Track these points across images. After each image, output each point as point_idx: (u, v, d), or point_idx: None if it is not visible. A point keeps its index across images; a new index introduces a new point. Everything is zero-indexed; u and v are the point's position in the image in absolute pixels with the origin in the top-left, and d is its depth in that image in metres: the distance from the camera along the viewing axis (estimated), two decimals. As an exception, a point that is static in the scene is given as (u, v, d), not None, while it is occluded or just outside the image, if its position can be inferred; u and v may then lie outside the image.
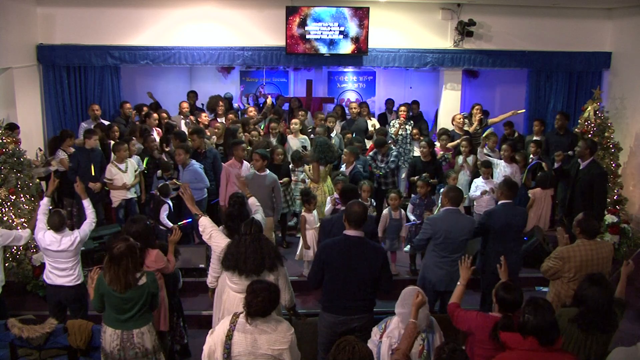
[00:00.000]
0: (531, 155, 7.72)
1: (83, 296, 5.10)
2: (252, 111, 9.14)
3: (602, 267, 4.45)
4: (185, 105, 9.30)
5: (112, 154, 7.23)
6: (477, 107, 8.88)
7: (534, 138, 8.32)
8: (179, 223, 6.64)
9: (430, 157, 7.41)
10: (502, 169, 7.34)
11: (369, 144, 8.65)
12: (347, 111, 10.02)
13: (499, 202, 5.44)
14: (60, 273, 4.95)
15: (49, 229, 4.92)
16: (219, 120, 8.99)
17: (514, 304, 3.53)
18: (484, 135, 8.24)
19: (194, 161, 7.03)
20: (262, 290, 3.29)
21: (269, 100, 9.42)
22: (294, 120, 8.27)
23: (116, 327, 3.94)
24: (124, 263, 3.82)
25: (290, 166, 7.48)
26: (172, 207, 6.82)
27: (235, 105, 10.72)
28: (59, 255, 4.90)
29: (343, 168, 7.23)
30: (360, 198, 6.50)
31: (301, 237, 6.43)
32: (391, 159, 7.56)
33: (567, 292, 4.44)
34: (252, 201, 5.23)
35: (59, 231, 4.89)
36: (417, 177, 7.10)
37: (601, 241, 4.69)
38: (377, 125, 9.26)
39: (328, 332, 4.10)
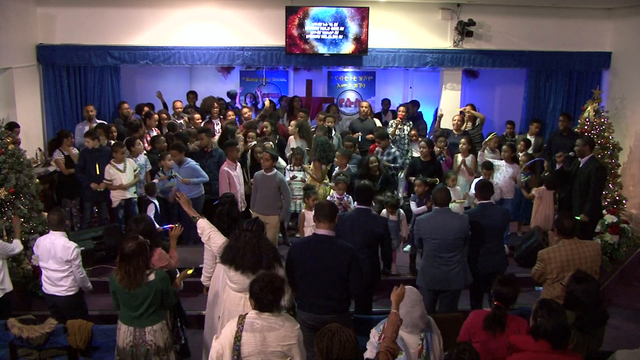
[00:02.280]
0: (520, 155, 7.76)
1: (80, 304, 5.08)
2: (247, 112, 9.11)
3: (588, 267, 4.41)
4: (179, 104, 9.31)
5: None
6: (467, 107, 8.89)
7: (527, 137, 8.33)
8: (164, 226, 6.64)
9: (430, 157, 7.40)
10: (503, 169, 7.34)
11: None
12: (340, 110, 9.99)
13: (478, 203, 5.45)
14: (51, 282, 4.88)
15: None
16: (213, 121, 8.99)
17: (511, 298, 3.60)
18: (487, 139, 8.22)
19: (189, 159, 7.11)
20: (267, 283, 3.32)
21: (267, 102, 9.36)
22: (292, 123, 8.26)
23: (129, 324, 3.99)
24: (135, 261, 3.87)
25: (288, 166, 7.49)
26: (158, 207, 6.84)
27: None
28: (52, 258, 4.81)
29: (337, 170, 7.18)
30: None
31: (300, 235, 6.43)
32: (399, 161, 7.57)
33: (553, 294, 4.44)
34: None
35: (56, 229, 4.86)
36: (415, 176, 7.12)
37: (586, 241, 4.66)
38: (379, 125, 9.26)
39: (304, 329, 4.09)
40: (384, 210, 6.59)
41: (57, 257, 4.80)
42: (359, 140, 8.47)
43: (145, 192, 6.85)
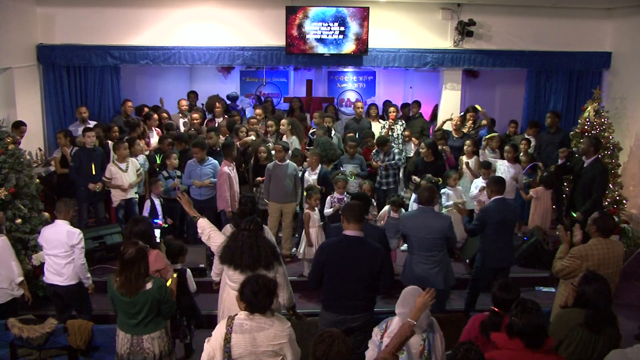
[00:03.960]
0: (521, 155, 7.76)
1: (82, 293, 5.19)
2: (259, 112, 9.05)
3: (616, 266, 4.47)
4: (184, 103, 9.31)
5: (112, 154, 7.23)
6: (470, 112, 8.85)
7: (525, 136, 8.34)
8: (153, 221, 6.73)
9: (432, 157, 7.38)
10: (505, 169, 7.32)
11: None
12: (341, 110, 9.98)
13: (491, 199, 5.55)
14: (54, 270, 5.02)
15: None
16: (216, 120, 9.00)
17: (509, 304, 3.51)
18: (488, 136, 8.21)
19: (210, 158, 7.18)
20: (262, 287, 3.30)
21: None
22: (282, 121, 8.28)
23: (127, 331, 3.96)
24: (136, 267, 3.84)
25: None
26: (156, 205, 6.88)
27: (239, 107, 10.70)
28: (57, 246, 4.94)
29: (307, 173, 7.16)
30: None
31: (305, 235, 6.41)
32: (396, 157, 7.60)
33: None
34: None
35: (63, 218, 5.04)
36: (417, 176, 7.12)
37: (614, 240, 4.69)
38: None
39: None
40: (386, 207, 6.61)
41: (62, 242, 4.96)
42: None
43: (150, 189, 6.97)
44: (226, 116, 9.08)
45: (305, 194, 6.77)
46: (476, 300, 5.77)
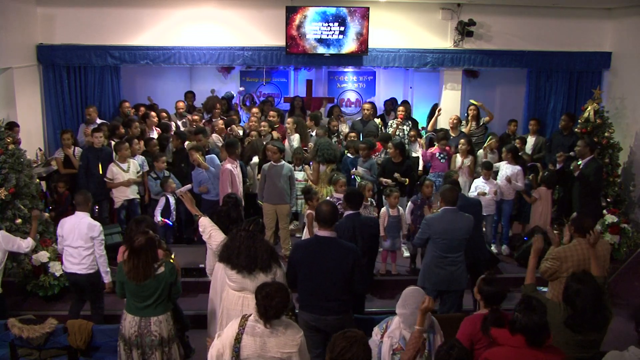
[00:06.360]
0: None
1: (98, 283, 5.33)
2: (256, 112, 9.06)
3: (600, 265, 4.41)
4: (182, 104, 9.31)
5: (114, 154, 7.23)
6: (471, 107, 8.86)
7: (528, 137, 8.32)
8: (160, 218, 6.91)
9: (400, 158, 7.34)
10: (504, 170, 7.32)
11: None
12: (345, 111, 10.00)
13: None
14: (74, 260, 5.17)
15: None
16: (214, 120, 8.99)
17: (498, 296, 3.58)
18: (487, 142, 8.18)
19: (209, 155, 7.22)
20: (277, 292, 3.30)
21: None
22: (288, 120, 8.28)
23: (135, 314, 4.06)
24: (144, 256, 3.94)
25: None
26: (170, 202, 6.92)
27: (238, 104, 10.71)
28: (77, 236, 5.10)
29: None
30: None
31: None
32: None
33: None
34: None
35: (82, 209, 5.18)
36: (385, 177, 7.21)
37: (600, 240, 4.66)
38: (382, 125, 9.26)
39: (306, 330, 4.08)
40: (383, 209, 6.60)
41: (82, 234, 5.12)
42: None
43: (161, 186, 7.04)
44: (224, 117, 9.07)
45: (304, 197, 6.71)
46: None
